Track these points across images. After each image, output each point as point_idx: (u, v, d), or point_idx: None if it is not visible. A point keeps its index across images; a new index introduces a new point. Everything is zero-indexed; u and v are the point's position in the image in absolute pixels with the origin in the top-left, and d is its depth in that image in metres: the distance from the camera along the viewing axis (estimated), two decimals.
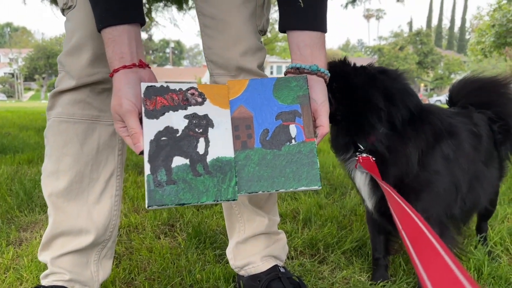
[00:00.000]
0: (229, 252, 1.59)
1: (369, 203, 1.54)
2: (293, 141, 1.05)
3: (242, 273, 1.56)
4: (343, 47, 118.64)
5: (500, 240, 2.00)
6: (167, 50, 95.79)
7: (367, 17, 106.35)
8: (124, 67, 1.04)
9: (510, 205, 2.59)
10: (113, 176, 1.36)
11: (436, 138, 1.44)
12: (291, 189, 1.03)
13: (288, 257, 1.86)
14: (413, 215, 0.79)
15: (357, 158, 1.44)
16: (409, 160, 1.41)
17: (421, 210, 1.41)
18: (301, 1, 1.18)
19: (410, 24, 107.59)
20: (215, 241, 2.03)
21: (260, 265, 1.51)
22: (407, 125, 1.42)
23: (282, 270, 1.52)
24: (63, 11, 1.27)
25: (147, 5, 9.95)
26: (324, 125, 1.11)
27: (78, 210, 1.30)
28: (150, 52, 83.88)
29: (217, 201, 1.00)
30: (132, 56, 1.06)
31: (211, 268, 1.70)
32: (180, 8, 10.24)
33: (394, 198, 0.96)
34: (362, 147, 1.44)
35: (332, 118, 1.33)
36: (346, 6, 10.32)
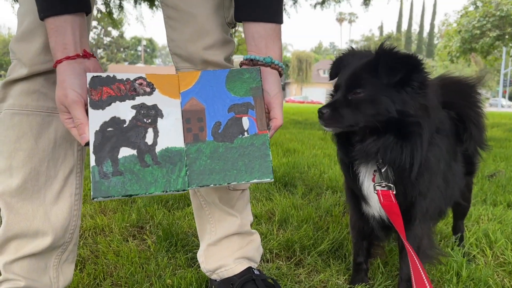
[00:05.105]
0: (200, 255, 1.50)
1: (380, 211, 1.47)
2: (245, 133, 1.05)
3: (214, 277, 1.47)
4: (316, 49, 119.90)
5: (476, 241, 1.99)
6: (139, 48, 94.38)
7: (340, 20, 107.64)
8: (68, 58, 1.02)
9: (483, 206, 2.61)
10: (72, 173, 1.26)
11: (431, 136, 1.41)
12: (243, 182, 1.02)
13: (263, 260, 1.79)
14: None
15: (375, 192, 1.37)
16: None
17: (425, 209, 1.45)
18: None
19: (381, 28, 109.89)
20: (186, 243, 1.94)
21: (233, 268, 1.43)
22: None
23: (256, 272, 1.45)
24: None
25: (117, 1, 9.74)
26: (278, 117, 1.10)
27: (34, 210, 1.19)
28: (122, 49, 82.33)
29: (166, 192, 0.99)
30: (75, 46, 1.03)
31: (183, 273, 1.61)
32: (151, 5, 10.11)
33: (416, 263, 1.25)
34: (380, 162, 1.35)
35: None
36: (315, 6, 10.47)
